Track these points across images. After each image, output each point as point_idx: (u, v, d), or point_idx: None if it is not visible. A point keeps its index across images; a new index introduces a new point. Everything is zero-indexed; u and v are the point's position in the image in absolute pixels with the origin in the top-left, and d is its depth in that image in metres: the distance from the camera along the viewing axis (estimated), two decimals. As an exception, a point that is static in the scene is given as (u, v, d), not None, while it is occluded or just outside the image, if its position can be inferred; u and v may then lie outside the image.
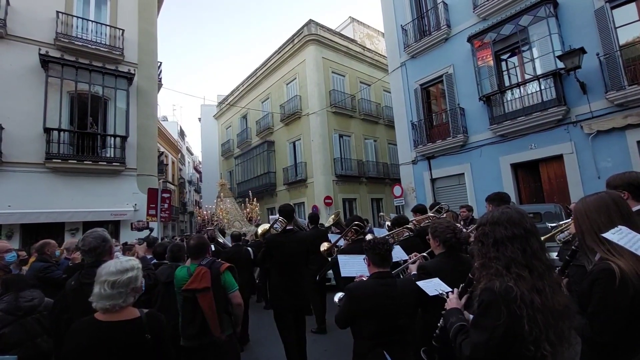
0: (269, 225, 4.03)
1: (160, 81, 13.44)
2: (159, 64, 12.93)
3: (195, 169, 40.20)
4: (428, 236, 2.53)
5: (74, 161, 9.64)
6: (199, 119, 33.78)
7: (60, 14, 10.06)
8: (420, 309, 2.22)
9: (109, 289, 1.61)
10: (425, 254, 2.67)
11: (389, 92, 14.94)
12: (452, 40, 10.65)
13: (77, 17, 10.50)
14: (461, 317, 1.45)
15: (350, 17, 20.77)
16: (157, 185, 11.46)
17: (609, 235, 1.28)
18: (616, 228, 1.29)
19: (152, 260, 3.95)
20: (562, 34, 8.18)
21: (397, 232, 3.77)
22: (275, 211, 17.05)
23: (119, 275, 1.65)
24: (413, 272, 2.44)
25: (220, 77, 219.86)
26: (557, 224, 2.84)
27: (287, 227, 3.74)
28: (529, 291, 1.19)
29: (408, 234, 3.68)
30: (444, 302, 1.61)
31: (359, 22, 20.97)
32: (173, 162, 27.72)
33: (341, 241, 3.96)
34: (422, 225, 4.05)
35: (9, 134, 8.92)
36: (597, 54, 7.44)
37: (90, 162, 9.86)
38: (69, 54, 9.98)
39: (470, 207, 5.91)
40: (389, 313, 2.00)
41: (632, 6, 7.39)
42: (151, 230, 7.76)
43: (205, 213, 14.34)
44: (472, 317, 1.38)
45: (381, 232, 5.07)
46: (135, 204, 10.17)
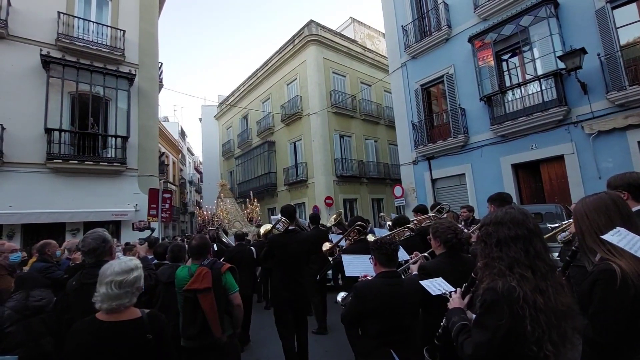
0: (271, 226, 4.05)
1: (161, 82, 13.46)
2: (159, 64, 12.96)
3: (196, 169, 40.23)
4: (429, 236, 2.53)
5: (75, 161, 9.66)
6: (200, 120, 33.83)
7: (61, 15, 10.09)
8: (421, 309, 2.22)
9: (116, 289, 1.60)
10: (426, 254, 2.67)
11: (390, 93, 14.94)
12: (452, 41, 10.64)
13: (79, 17, 10.53)
14: (463, 316, 1.45)
15: (351, 17, 20.78)
16: (158, 186, 11.48)
17: (608, 237, 1.28)
18: (615, 230, 1.29)
19: (153, 261, 3.96)
20: (563, 34, 8.18)
21: (398, 231, 3.78)
22: (276, 212, 17.08)
23: (125, 274, 1.65)
24: (414, 273, 2.44)
25: (221, 77, 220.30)
26: (559, 224, 2.84)
27: (289, 228, 3.76)
28: (531, 291, 1.19)
29: (409, 233, 3.69)
30: (446, 302, 1.61)
31: (359, 23, 20.98)
32: (174, 163, 27.74)
33: (343, 241, 3.97)
34: (423, 225, 4.07)
35: (10, 135, 8.94)
36: (598, 54, 7.43)
37: (91, 163, 9.87)
38: (70, 55, 10.01)
39: (471, 207, 5.91)
40: (395, 312, 2.01)
41: (633, 6, 7.38)
42: (152, 230, 7.78)
43: (206, 213, 14.36)
44: (474, 316, 1.38)
45: (382, 232, 5.08)
46: (136, 204, 10.18)
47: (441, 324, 1.61)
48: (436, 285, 1.86)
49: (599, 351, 1.31)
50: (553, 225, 2.94)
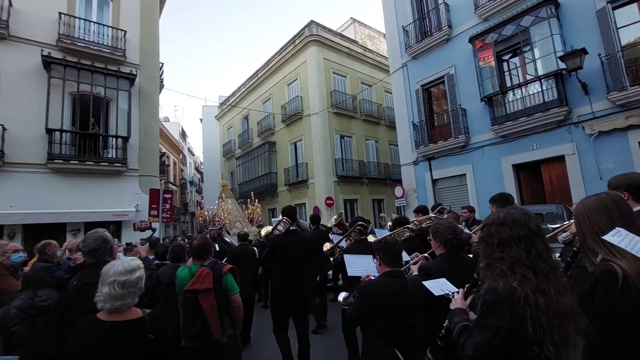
0: (271, 228, 4.09)
1: (162, 82, 13.47)
2: (160, 65, 12.97)
3: (197, 169, 40.25)
4: (429, 237, 2.53)
5: (76, 162, 9.67)
6: (201, 120, 33.83)
7: (62, 15, 10.10)
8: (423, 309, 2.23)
9: (120, 289, 1.60)
10: (426, 254, 2.68)
11: (390, 93, 14.95)
12: (453, 41, 10.64)
13: (80, 18, 10.55)
14: (465, 317, 1.45)
15: (351, 18, 20.79)
16: (158, 186, 11.49)
17: (608, 238, 1.28)
18: (615, 230, 1.28)
19: (154, 261, 3.96)
20: (564, 34, 8.17)
21: (397, 232, 3.79)
22: (276, 212, 17.10)
23: (128, 274, 1.65)
24: (414, 273, 2.45)
25: (222, 78, 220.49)
26: (559, 224, 2.84)
27: (291, 228, 3.79)
28: (533, 292, 1.19)
29: (408, 234, 3.71)
30: (448, 303, 1.61)
31: (360, 23, 20.98)
32: (175, 163, 27.76)
33: (343, 242, 3.99)
34: (423, 225, 4.09)
35: (12, 135, 8.95)
36: (599, 55, 7.43)
37: (92, 163, 9.88)
38: (71, 55, 10.02)
39: (471, 208, 5.89)
40: (400, 312, 2.02)
41: (634, 7, 7.38)
42: (154, 230, 7.79)
43: (206, 214, 14.37)
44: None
45: (382, 232, 5.09)
46: (137, 205, 10.19)
47: (444, 324, 1.61)
48: (439, 286, 1.87)
49: (600, 352, 1.31)
50: (554, 226, 2.93)
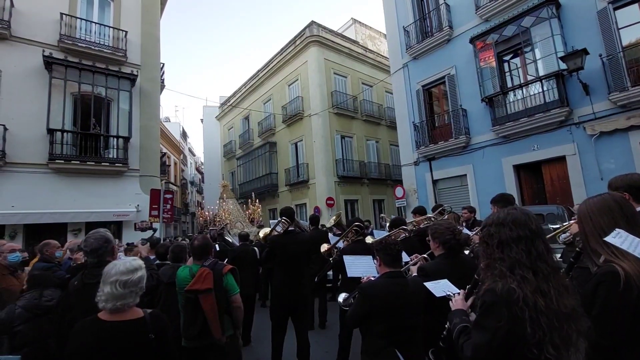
0: (270, 229, 4.14)
1: (162, 82, 13.50)
2: (161, 65, 12.99)
3: (198, 169, 40.27)
4: (428, 237, 2.53)
5: (77, 162, 9.68)
6: (201, 120, 33.85)
7: (64, 16, 10.12)
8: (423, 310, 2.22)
9: (121, 289, 1.61)
10: (426, 255, 2.68)
11: (391, 93, 14.95)
12: (454, 42, 10.64)
13: (81, 18, 10.57)
14: (465, 318, 1.45)
15: (352, 18, 20.78)
16: (159, 186, 11.51)
17: (609, 239, 1.27)
18: (615, 232, 1.28)
19: (154, 261, 3.97)
20: (565, 35, 8.16)
21: (393, 233, 3.82)
22: (277, 213, 17.06)
23: (130, 274, 1.66)
24: (414, 274, 2.45)
25: (223, 78, 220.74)
26: (560, 225, 2.84)
27: (289, 229, 3.83)
28: (532, 293, 1.18)
29: (404, 235, 3.74)
30: (447, 303, 1.61)
31: (360, 24, 20.98)
32: (175, 163, 27.78)
33: (340, 242, 4.01)
34: (421, 226, 4.14)
35: (13, 135, 8.97)
36: (600, 55, 7.42)
37: (93, 163, 9.90)
38: (73, 56, 10.05)
39: (472, 208, 5.87)
40: (401, 312, 2.02)
41: (635, 7, 7.37)
42: (154, 230, 7.81)
43: (207, 214, 14.39)
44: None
45: (382, 233, 5.09)
46: (138, 205, 10.21)
47: (446, 326, 1.61)
48: (440, 287, 1.86)
49: (602, 353, 1.30)
50: (554, 226, 2.93)
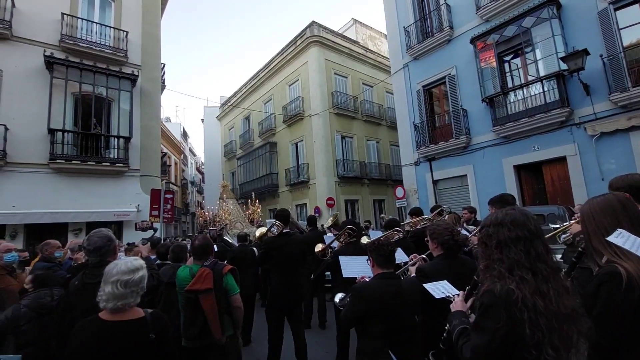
0: (266, 229, 4.19)
1: (163, 83, 13.52)
2: (162, 65, 13.01)
3: (198, 170, 40.28)
4: (426, 238, 2.52)
5: (78, 162, 9.70)
6: (202, 120, 33.85)
7: (65, 16, 10.14)
8: (422, 312, 2.22)
9: (122, 288, 1.61)
10: (424, 255, 2.67)
11: (392, 94, 14.95)
12: (454, 42, 10.63)
13: (82, 19, 10.59)
14: (464, 319, 1.44)
15: (352, 18, 20.79)
16: (160, 186, 11.51)
17: (611, 239, 1.27)
18: (617, 232, 1.27)
19: (155, 261, 3.98)
20: (566, 35, 8.16)
21: (387, 234, 3.86)
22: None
23: (131, 274, 1.66)
24: (412, 275, 2.44)
25: (223, 78, 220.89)
26: (560, 225, 2.83)
27: (284, 231, 3.90)
28: (531, 294, 1.17)
29: (397, 236, 3.78)
30: (448, 305, 1.60)
31: (361, 24, 20.98)
32: (176, 163, 27.80)
33: (335, 243, 4.07)
34: (418, 227, 4.20)
35: (14, 135, 8.98)
36: (601, 56, 7.41)
37: (93, 163, 9.91)
38: (74, 56, 10.06)
39: (472, 208, 5.87)
40: (396, 313, 2.01)
41: (636, 7, 7.36)
42: (155, 230, 7.81)
43: (207, 214, 14.39)
44: None
45: (376, 234, 5.10)
46: (138, 205, 10.22)
47: (445, 327, 1.61)
48: (440, 289, 1.85)
49: (603, 353, 1.30)
50: (554, 226, 2.92)
